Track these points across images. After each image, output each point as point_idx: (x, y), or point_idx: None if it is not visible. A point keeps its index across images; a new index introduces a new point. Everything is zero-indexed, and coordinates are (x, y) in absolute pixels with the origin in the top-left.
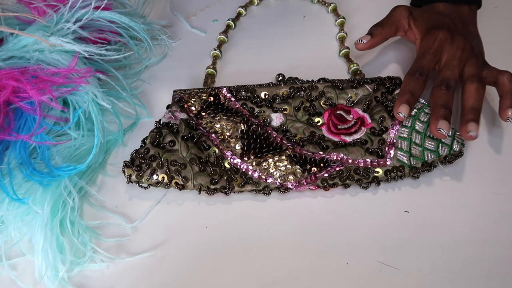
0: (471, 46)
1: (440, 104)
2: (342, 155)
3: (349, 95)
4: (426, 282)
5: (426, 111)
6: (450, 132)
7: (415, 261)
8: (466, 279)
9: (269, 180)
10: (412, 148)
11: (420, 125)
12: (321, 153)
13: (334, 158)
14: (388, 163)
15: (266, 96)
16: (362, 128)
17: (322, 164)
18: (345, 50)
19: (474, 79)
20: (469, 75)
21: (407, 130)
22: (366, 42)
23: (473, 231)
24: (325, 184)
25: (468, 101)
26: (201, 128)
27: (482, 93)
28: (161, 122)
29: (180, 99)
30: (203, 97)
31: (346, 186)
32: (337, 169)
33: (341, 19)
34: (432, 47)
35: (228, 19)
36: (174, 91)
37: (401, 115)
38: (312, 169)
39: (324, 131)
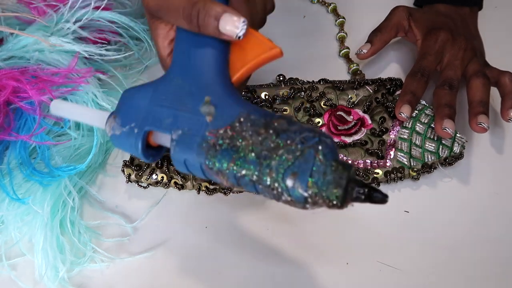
0: (473, 46)
1: (444, 104)
2: (342, 156)
3: (349, 96)
4: (426, 282)
5: (427, 112)
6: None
7: (415, 261)
8: (466, 279)
9: None
10: (413, 150)
11: (421, 126)
12: None
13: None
14: (388, 164)
15: (266, 97)
16: (362, 129)
17: None
18: (345, 50)
19: (479, 74)
20: (474, 71)
21: (407, 131)
22: (367, 52)
23: (473, 231)
24: None
25: (475, 95)
26: None
27: (489, 88)
28: None
29: None
30: None
31: None
32: None
33: (341, 19)
34: (434, 48)
35: None
36: None
37: (403, 115)
38: None
39: (324, 132)
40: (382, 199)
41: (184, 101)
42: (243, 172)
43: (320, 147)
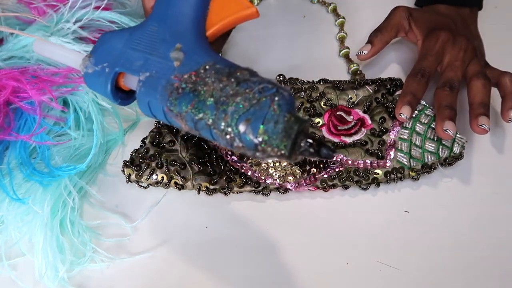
0: (473, 47)
1: (445, 105)
2: (342, 156)
3: (349, 96)
4: (426, 282)
5: (427, 112)
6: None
7: (415, 261)
8: (466, 279)
9: (268, 181)
10: (412, 150)
11: (421, 126)
12: None
13: (334, 159)
14: (388, 164)
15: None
16: (362, 129)
17: (321, 165)
18: (345, 50)
19: (480, 76)
20: (474, 72)
21: (407, 131)
22: (367, 53)
23: (473, 231)
24: (325, 185)
25: (476, 97)
26: None
27: (489, 89)
28: (161, 122)
29: None
30: None
31: (346, 187)
32: (337, 170)
33: (341, 19)
34: (434, 48)
35: None
36: None
37: (403, 116)
38: (312, 170)
39: (324, 132)
40: (328, 154)
41: (157, 46)
42: (200, 115)
43: (276, 98)
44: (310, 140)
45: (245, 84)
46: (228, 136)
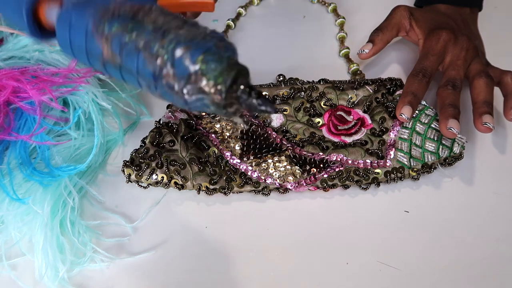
0: (475, 46)
1: (448, 104)
2: (342, 156)
3: (349, 96)
4: (426, 282)
5: (427, 112)
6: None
7: (415, 261)
8: (466, 279)
9: (269, 181)
10: (413, 150)
11: (421, 126)
12: (321, 154)
13: (334, 159)
14: (388, 164)
15: (267, 97)
16: (362, 129)
17: (321, 165)
18: (345, 50)
19: (483, 74)
20: (477, 71)
21: (407, 131)
22: (368, 52)
23: (473, 231)
24: (325, 185)
25: (479, 95)
26: (201, 128)
27: (492, 87)
28: (161, 122)
29: None
30: None
31: (346, 187)
32: (337, 170)
33: (341, 19)
34: (436, 48)
35: (228, 19)
36: None
37: (403, 116)
38: (312, 170)
39: (324, 131)
40: (265, 104)
41: None
42: (132, 36)
43: (222, 41)
44: (249, 85)
45: (193, 26)
46: (159, 60)
